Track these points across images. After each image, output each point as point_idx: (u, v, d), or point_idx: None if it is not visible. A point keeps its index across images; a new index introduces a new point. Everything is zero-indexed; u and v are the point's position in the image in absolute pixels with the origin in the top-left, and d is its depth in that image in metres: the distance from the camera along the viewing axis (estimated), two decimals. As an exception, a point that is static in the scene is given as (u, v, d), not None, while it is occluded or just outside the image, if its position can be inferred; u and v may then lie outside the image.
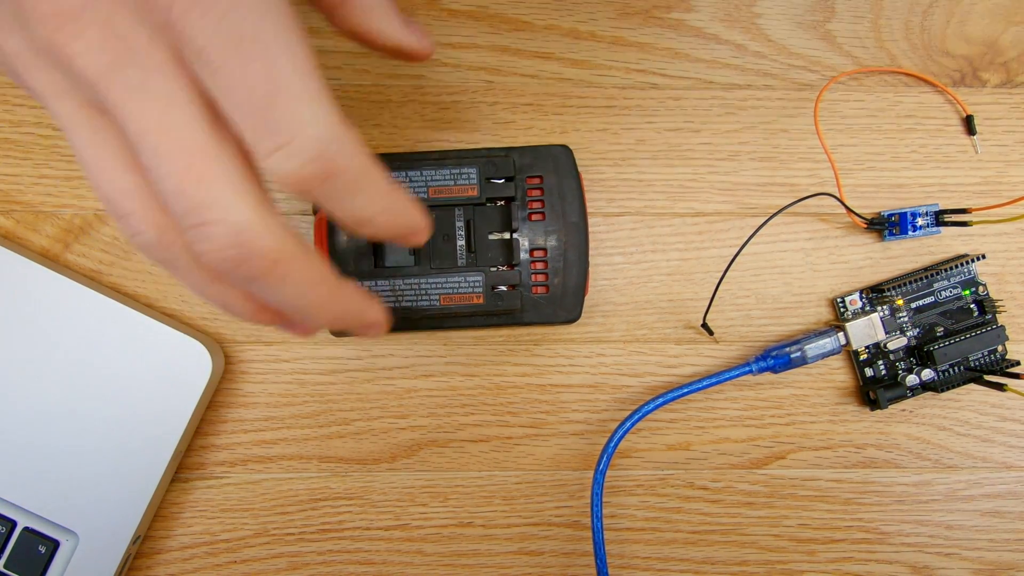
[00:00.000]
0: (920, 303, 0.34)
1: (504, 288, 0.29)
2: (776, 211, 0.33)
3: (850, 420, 0.35)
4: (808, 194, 0.33)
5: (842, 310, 0.35)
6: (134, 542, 0.32)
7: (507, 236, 0.30)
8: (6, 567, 0.31)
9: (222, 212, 0.16)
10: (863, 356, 0.35)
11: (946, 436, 0.35)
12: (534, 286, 0.30)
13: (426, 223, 0.21)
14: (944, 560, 0.35)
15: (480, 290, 0.29)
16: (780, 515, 0.35)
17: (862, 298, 0.35)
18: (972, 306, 0.35)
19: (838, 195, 0.33)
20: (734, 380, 0.34)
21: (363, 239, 0.29)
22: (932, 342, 0.34)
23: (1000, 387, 0.33)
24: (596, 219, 0.35)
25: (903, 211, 0.35)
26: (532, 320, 0.30)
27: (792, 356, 0.33)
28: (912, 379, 0.34)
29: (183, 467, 0.34)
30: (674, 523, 0.35)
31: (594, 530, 0.31)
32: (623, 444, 0.35)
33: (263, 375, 0.34)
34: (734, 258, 0.33)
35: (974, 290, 0.35)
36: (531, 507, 0.35)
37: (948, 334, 0.34)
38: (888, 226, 0.35)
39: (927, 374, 0.34)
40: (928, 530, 0.35)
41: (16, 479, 0.31)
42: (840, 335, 0.33)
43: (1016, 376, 0.33)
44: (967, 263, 0.34)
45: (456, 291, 0.29)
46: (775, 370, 0.33)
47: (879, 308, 0.34)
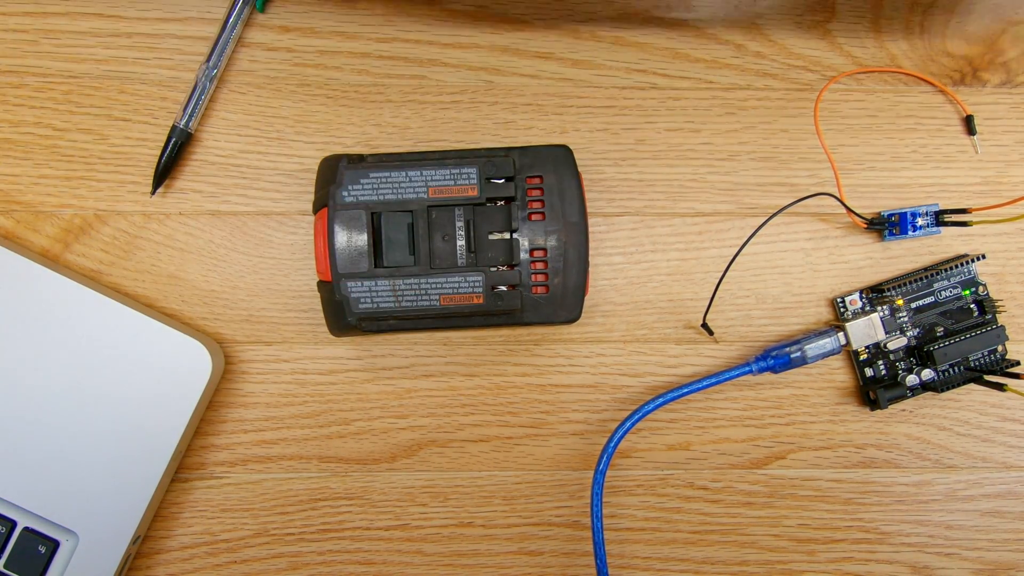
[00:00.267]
0: (920, 303, 0.34)
1: (504, 288, 0.29)
2: (776, 211, 0.33)
3: (850, 420, 0.35)
4: (808, 194, 0.33)
5: (842, 310, 0.35)
6: (134, 542, 0.32)
7: (507, 236, 0.30)
8: (6, 567, 0.31)
9: None
10: (863, 356, 0.35)
11: (946, 436, 0.35)
12: (534, 286, 0.30)
13: None
14: (944, 560, 0.35)
15: (480, 290, 0.29)
16: (780, 515, 0.35)
17: (862, 298, 0.35)
18: (972, 306, 0.35)
19: (838, 195, 0.33)
20: (734, 380, 0.35)
21: (363, 239, 0.29)
22: (932, 342, 0.34)
23: (1000, 387, 0.33)
24: (596, 219, 0.35)
25: (903, 211, 0.35)
26: (532, 320, 0.30)
27: (792, 356, 0.33)
28: (912, 379, 0.34)
29: (183, 467, 0.34)
30: (674, 523, 0.35)
31: (594, 530, 0.31)
32: (623, 444, 0.35)
33: (263, 375, 0.34)
34: (734, 258, 0.33)
35: (974, 290, 0.35)
36: (531, 507, 0.35)
37: (948, 334, 0.34)
38: (888, 226, 0.35)
39: (927, 374, 0.34)
40: (928, 530, 0.35)
41: (16, 479, 0.31)
42: (840, 335, 0.33)
43: (1016, 376, 0.33)
44: (967, 263, 0.34)
45: (456, 291, 0.29)
46: (775, 370, 0.33)
47: (879, 308, 0.34)
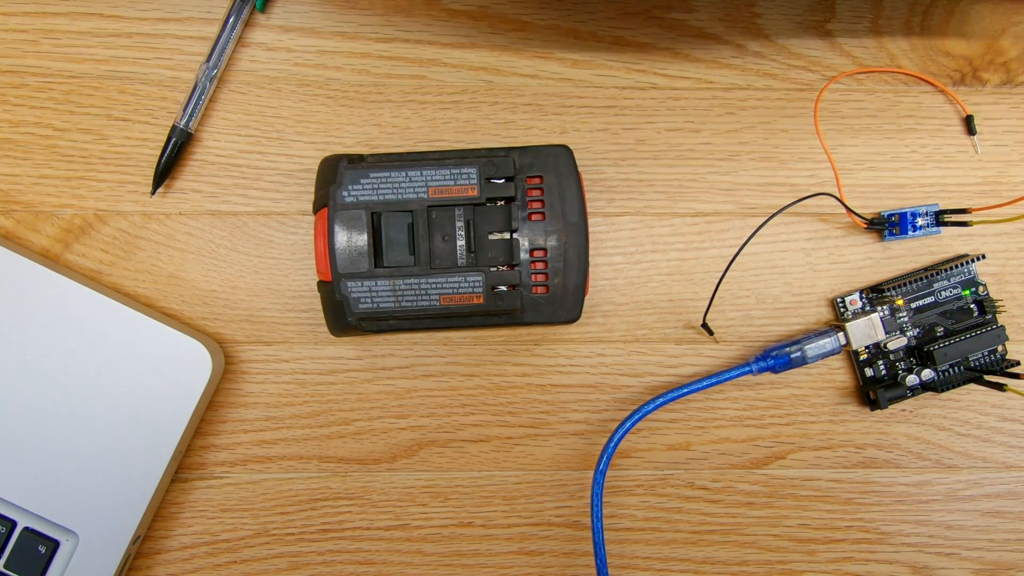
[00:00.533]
0: (920, 303, 0.34)
1: (504, 288, 0.29)
2: (776, 211, 0.33)
3: (850, 420, 0.35)
4: (808, 194, 0.33)
5: (842, 310, 0.35)
6: (134, 542, 0.32)
7: (507, 236, 0.30)
8: (6, 567, 0.31)
9: None
10: (863, 356, 0.35)
11: (946, 436, 0.35)
12: (534, 286, 0.30)
13: None
14: (944, 560, 0.35)
15: (480, 290, 0.29)
16: (780, 515, 0.35)
17: (862, 298, 0.35)
18: (972, 306, 0.35)
19: (838, 195, 0.33)
20: (734, 380, 0.35)
21: (363, 239, 0.29)
22: (932, 342, 0.34)
23: (1000, 387, 0.33)
24: (596, 219, 0.35)
25: (903, 211, 0.35)
26: (532, 320, 0.30)
27: (792, 356, 0.33)
28: (912, 379, 0.34)
29: (183, 467, 0.34)
30: (674, 523, 0.35)
31: (594, 530, 0.31)
32: (623, 444, 0.35)
33: (263, 375, 0.34)
34: (734, 258, 0.33)
35: (974, 290, 0.35)
36: (531, 507, 0.35)
37: (948, 334, 0.34)
38: (888, 226, 0.35)
39: (927, 374, 0.34)
40: (928, 530, 0.35)
41: (16, 479, 0.31)
42: (840, 335, 0.33)
43: (1016, 376, 0.33)
44: (967, 263, 0.34)
45: (456, 291, 0.29)
46: (775, 370, 0.33)
47: (879, 308, 0.34)
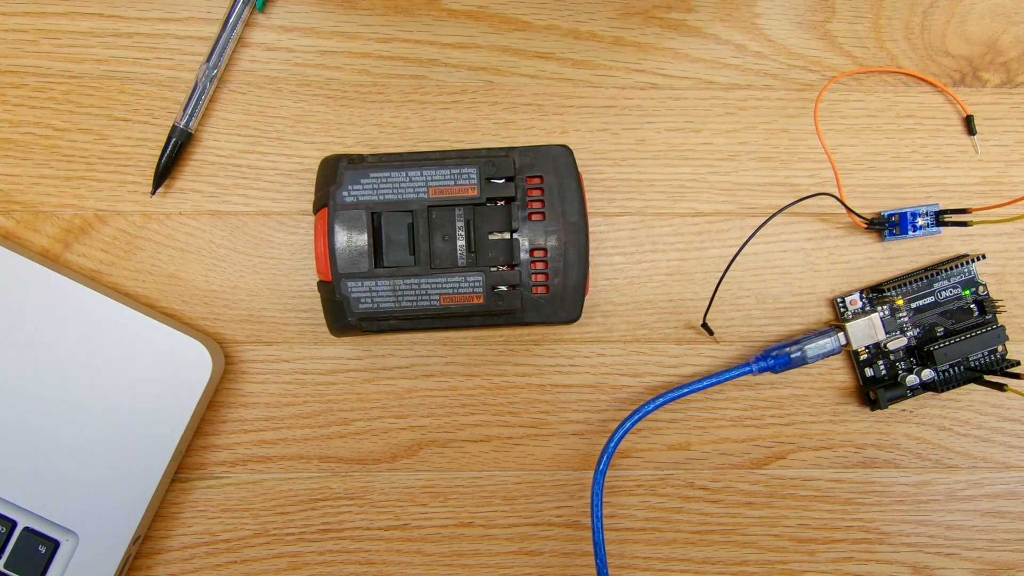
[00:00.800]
0: (920, 303, 0.34)
1: (504, 288, 0.29)
2: (776, 211, 0.33)
3: (850, 420, 0.35)
4: (808, 194, 0.33)
5: (842, 310, 0.35)
6: (134, 542, 0.32)
7: (507, 236, 0.30)
8: (6, 567, 0.31)
9: None
10: (863, 356, 0.35)
11: (946, 436, 0.35)
12: (534, 286, 0.30)
13: None
14: (944, 560, 0.35)
15: (480, 290, 0.29)
16: (780, 515, 0.35)
17: (862, 298, 0.35)
18: (972, 306, 0.35)
19: (838, 195, 0.33)
20: (734, 380, 0.35)
21: (363, 239, 0.29)
22: (932, 342, 0.34)
23: (1000, 387, 0.33)
24: (596, 219, 0.35)
25: (903, 211, 0.35)
26: (532, 320, 0.30)
27: (792, 356, 0.33)
28: (912, 379, 0.34)
29: (183, 467, 0.34)
30: (674, 523, 0.35)
31: (594, 530, 0.31)
32: (623, 444, 0.35)
33: (263, 375, 0.34)
34: (734, 258, 0.33)
35: (974, 290, 0.35)
36: (531, 507, 0.35)
37: (948, 334, 0.34)
38: (888, 226, 0.35)
39: (927, 374, 0.34)
40: (928, 530, 0.35)
41: (16, 479, 0.31)
42: (840, 335, 0.33)
43: (1016, 376, 0.33)
44: (967, 263, 0.34)
45: (456, 291, 0.29)
46: (775, 370, 0.33)
47: (879, 308, 0.34)
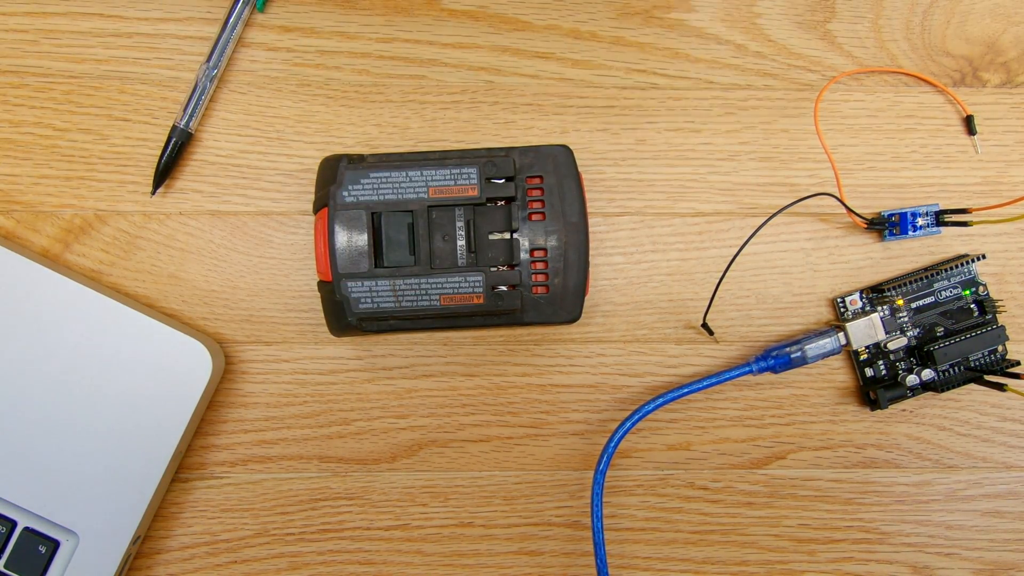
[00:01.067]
0: (920, 303, 0.34)
1: (504, 288, 0.29)
2: (776, 211, 0.33)
3: (850, 420, 0.35)
4: (808, 194, 0.33)
5: (842, 310, 0.35)
6: (134, 542, 0.32)
7: (507, 236, 0.30)
8: (6, 567, 0.31)
9: None
10: (863, 356, 0.35)
11: (946, 436, 0.35)
12: (534, 286, 0.30)
13: None
14: (944, 560, 0.35)
15: (480, 290, 0.29)
16: (780, 515, 0.35)
17: (862, 298, 0.35)
18: (972, 306, 0.35)
19: (838, 195, 0.33)
20: (734, 380, 0.35)
21: (363, 239, 0.29)
22: (932, 342, 0.34)
23: (1000, 387, 0.33)
24: (596, 219, 0.35)
25: (903, 211, 0.35)
26: (532, 320, 0.30)
27: (792, 356, 0.33)
28: (912, 379, 0.34)
29: (183, 467, 0.34)
30: (674, 523, 0.35)
31: (594, 530, 0.31)
32: (623, 444, 0.35)
33: (263, 375, 0.34)
34: (734, 258, 0.33)
35: (974, 290, 0.35)
36: (531, 507, 0.35)
37: (948, 334, 0.34)
38: (888, 226, 0.35)
39: (927, 374, 0.34)
40: (928, 530, 0.35)
41: (16, 479, 0.31)
42: (840, 335, 0.33)
43: (1016, 376, 0.33)
44: (967, 263, 0.34)
45: (456, 291, 0.29)
46: (775, 370, 0.33)
47: (879, 308, 0.34)
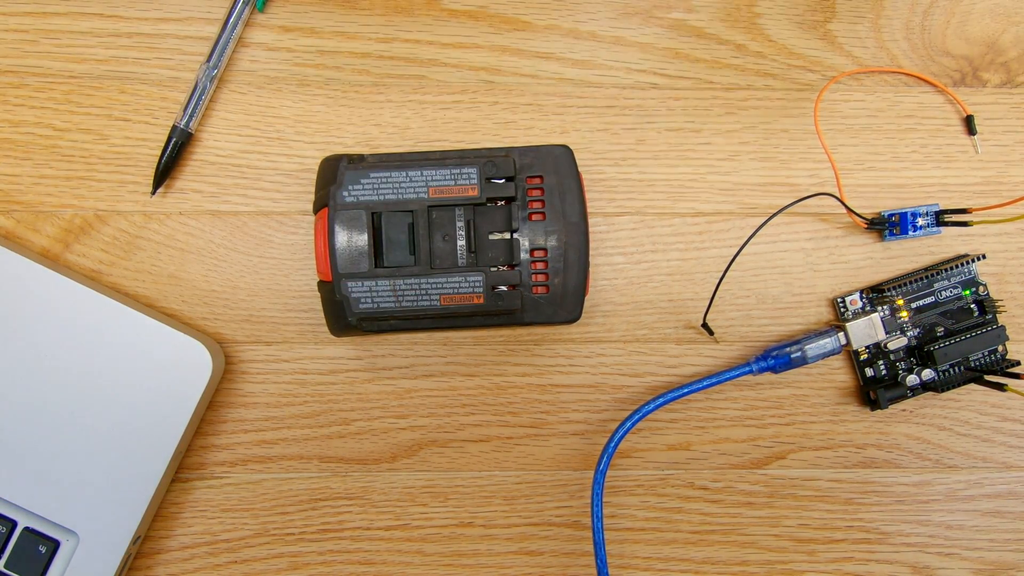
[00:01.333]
0: (920, 303, 0.34)
1: (504, 288, 0.29)
2: (776, 211, 0.33)
3: (850, 420, 0.35)
4: (808, 194, 0.33)
5: (842, 310, 0.35)
6: (134, 542, 0.32)
7: (507, 236, 0.30)
8: (7, 567, 0.31)
9: None
10: (863, 356, 0.35)
11: (946, 436, 0.35)
12: (534, 286, 0.30)
13: None
14: (944, 560, 0.35)
15: (480, 290, 0.29)
16: (780, 515, 0.35)
17: (862, 298, 0.35)
18: (972, 306, 0.35)
19: (838, 195, 0.33)
20: (734, 380, 0.35)
21: (363, 239, 0.29)
22: (932, 342, 0.34)
23: (1000, 387, 0.33)
24: (596, 219, 0.35)
25: (903, 211, 0.35)
26: (532, 320, 0.30)
27: (792, 356, 0.33)
28: (912, 379, 0.34)
29: (183, 467, 0.34)
30: (674, 523, 0.35)
31: (594, 530, 0.31)
32: (623, 444, 0.35)
33: (263, 375, 0.34)
34: (734, 258, 0.33)
35: (974, 290, 0.35)
36: (531, 507, 0.35)
37: (948, 334, 0.34)
38: (888, 226, 0.35)
39: (927, 374, 0.34)
40: (928, 530, 0.35)
41: (16, 479, 0.31)
42: (840, 335, 0.33)
43: (1016, 376, 0.33)
44: (967, 263, 0.34)
45: (456, 291, 0.29)
46: (775, 370, 0.33)
47: (879, 308, 0.34)
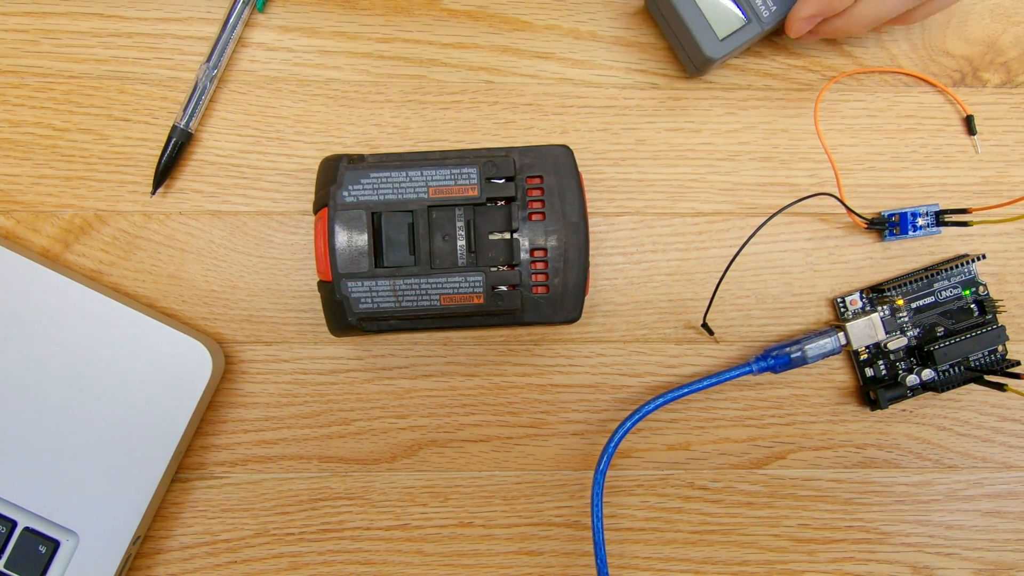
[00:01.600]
0: (920, 303, 0.34)
1: (504, 288, 0.29)
2: (776, 211, 0.33)
3: (850, 420, 0.35)
4: (808, 194, 0.33)
5: (842, 310, 0.35)
6: (134, 542, 0.32)
7: (507, 236, 0.30)
8: (7, 567, 0.31)
9: None
10: (863, 356, 0.35)
11: (946, 436, 0.35)
12: (534, 286, 0.30)
13: None
14: (944, 560, 0.35)
15: (480, 290, 0.29)
16: (780, 515, 0.35)
17: (862, 298, 0.35)
18: (972, 306, 0.35)
19: (838, 195, 0.33)
20: (734, 380, 0.35)
21: (363, 239, 0.29)
22: (932, 342, 0.34)
23: (1000, 387, 0.33)
24: (596, 219, 0.35)
25: (903, 211, 0.35)
26: (532, 320, 0.30)
27: (792, 356, 0.33)
28: (912, 379, 0.34)
29: (183, 467, 0.34)
30: (674, 523, 0.35)
31: (594, 530, 0.31)
32: (623, 444, 0.35)
33: (263, 375, 0.34)
34: (734, 258, 0.33)
35: (974, 290, 0.35)
36: (531, 507, 0.35)
37: (948, 334, 0.34)
38: (888, 226, 0.35)
39: (927, 374, 0.34)
40: (928, 530, 0.35)
41: (16, 479, 0.31)
42: (840, 335, 0.33)
43: (1016, 376, 0.33)
44: (967, 263, 0.34)
45: (456, 291, 0.29)
46: (775, 370, 0.33)
47: (879, 308, 0.34)
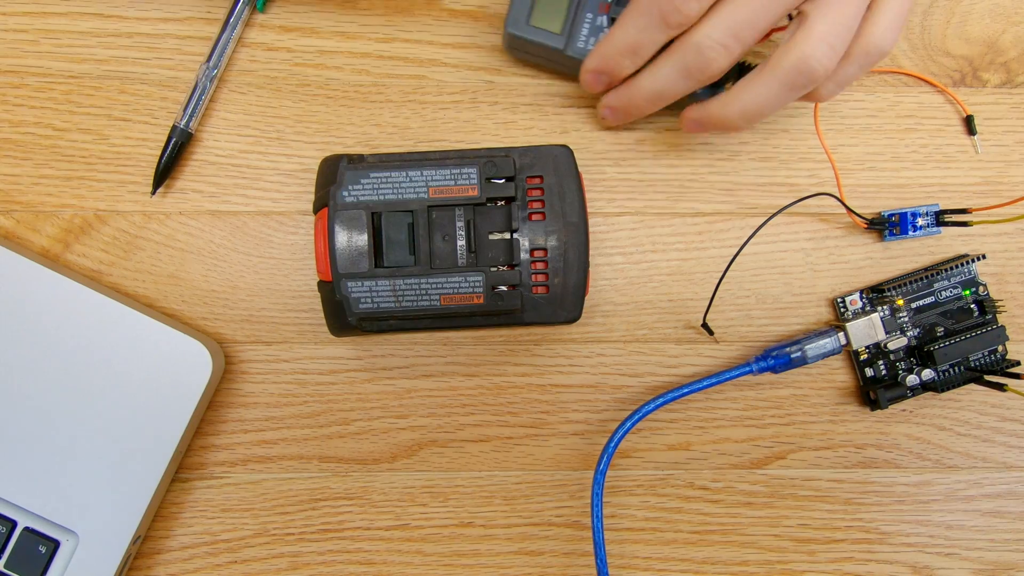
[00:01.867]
0: (920, 303, 0.34)
1: (504, 288, 0.29)
2: (776, 211, 0.33)
3: (850, 420, 0.35)
4: (808, 194, 0.33)
5: (842, 310, 0.35)
6: (134, 542, 0.32)
7: (507, 236, 0.30)
8: (6, 567, 0.31)
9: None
10: (863, 356, 0.35)
11: (946, 436, 0.35)
12: (534, 286, 0.30)
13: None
14: (944, 560, 0.35)
15: (480, 290, 0.29)
16: (780, 515, 0.35)
17: (862, 298, 0.35)
18: (972, 306, 0.35)
19: (838, 195, 0.33)
20: (734, 380, 0.34)
21: (363, 239, 0.29)
22: (932, 342, 0.34)
23: (1000, 387, 0.33)
24: (596, 219, 0.35)
25: (903, 211, 0.35)
26: (532, 320, 0.30)
27: (792, 356, 0.33)
28: (912, 379, 0.34)
29: (183, 467, 0.34)
30: (674, 523, 0.35)
31: (594, 530, 0.31)
32: (623, 444, 0.35)
33: (263, 375, 0.34)
34: (734, 258, 0.33)
35: (974, 290, 0.35)
36: (531, 507, 0.35)
37: (948, 334, 0.34)
38: (888, 226, 0.35)
39: (927, 374, 0.34)
40: (928, 530, 0.35)
41: (16, 479, 0.31)
42: (840, 335, 0.33)
43: (1016, 376, 0.33)
44: (967, 263, 0.34)
45: (456, 291, 0.29)
46: (775, 370, 0.33)
47: (879, 308, 0.34)
